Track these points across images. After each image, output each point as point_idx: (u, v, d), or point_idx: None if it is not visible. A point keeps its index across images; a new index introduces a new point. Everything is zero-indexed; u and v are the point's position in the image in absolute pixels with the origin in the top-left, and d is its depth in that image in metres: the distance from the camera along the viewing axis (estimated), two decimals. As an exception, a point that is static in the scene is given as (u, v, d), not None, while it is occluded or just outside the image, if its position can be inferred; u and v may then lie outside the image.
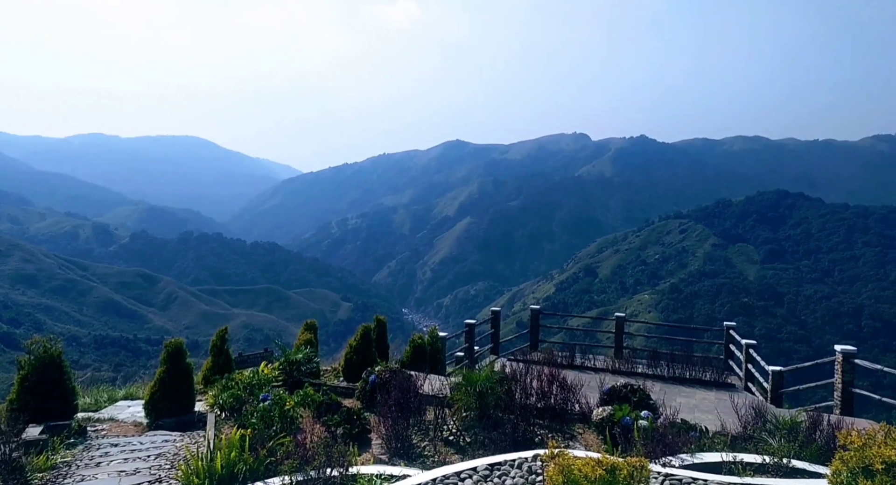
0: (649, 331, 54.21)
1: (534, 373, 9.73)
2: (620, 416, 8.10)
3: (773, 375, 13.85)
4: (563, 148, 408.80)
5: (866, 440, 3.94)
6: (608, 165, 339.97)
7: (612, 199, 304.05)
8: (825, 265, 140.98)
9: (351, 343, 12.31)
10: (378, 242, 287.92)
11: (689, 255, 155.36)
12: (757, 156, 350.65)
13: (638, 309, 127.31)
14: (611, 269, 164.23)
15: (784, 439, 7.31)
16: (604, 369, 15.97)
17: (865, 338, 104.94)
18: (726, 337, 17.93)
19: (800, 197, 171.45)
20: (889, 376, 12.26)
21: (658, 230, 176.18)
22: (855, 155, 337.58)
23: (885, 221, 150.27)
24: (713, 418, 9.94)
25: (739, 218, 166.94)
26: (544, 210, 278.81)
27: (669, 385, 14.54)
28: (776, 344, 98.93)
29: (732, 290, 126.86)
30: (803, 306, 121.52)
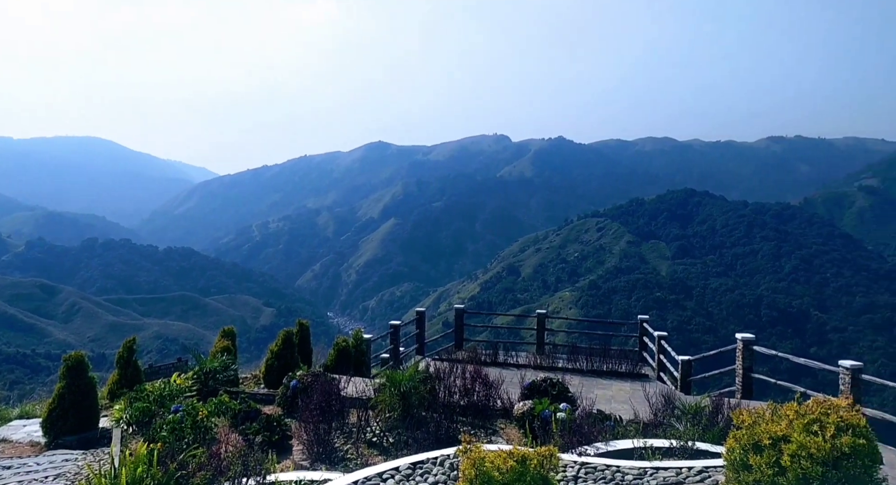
0: (570, 327, 56.25)
1: (457, 371, 9.84)
2: (540, 409, 8.32)
3: (682, 364, 14.62)
4: (484, 149, 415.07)
5: (756, 419, 4.24)
6: (528, 166, 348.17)
7: (533, 199, 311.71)
8: (729, 259, 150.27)
9: (272, 349, 12.00)
10: (301, 246, 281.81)
11: (606, 252, 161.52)
12: (666, 156, 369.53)
13: (559, 306, 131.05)
14: (533, 267, 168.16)
15: (689, 423, 7.76)
16: (526, 364, 16.34)
17: (764, 326, 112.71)
18: (640, 330, 18.78)
19: (705, 195, 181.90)
20: (785, 361, 13.22)
21: (577, 229, 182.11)
22: (752, 155, 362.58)
23: (780, 216, 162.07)
24: (627, 408, 10.39)
25: (652, 216, 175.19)
26: (468, 211, 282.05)
27: (588, 378, 15.06)
28: (686, 335, 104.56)
29: (647, 285, 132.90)
30: (710, 299, 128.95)
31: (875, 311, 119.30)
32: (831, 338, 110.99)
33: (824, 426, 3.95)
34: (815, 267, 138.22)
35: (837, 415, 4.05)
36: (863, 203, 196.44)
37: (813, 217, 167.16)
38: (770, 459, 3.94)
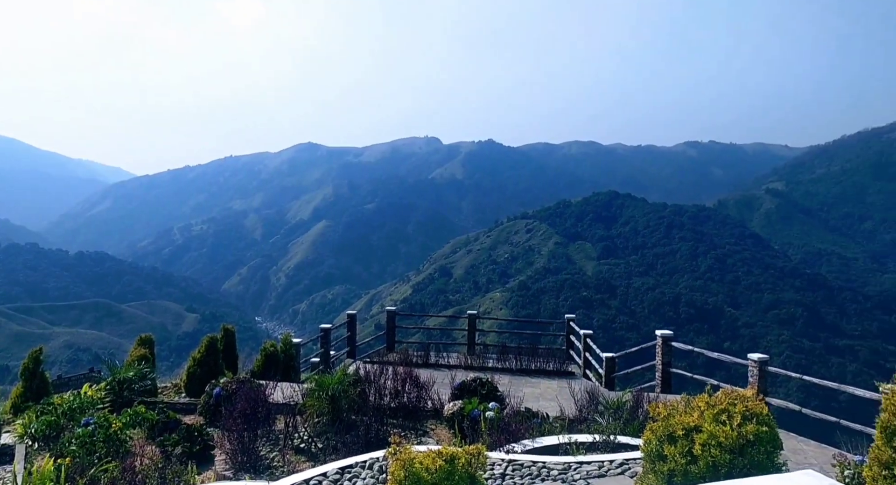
0: (500, 327, 57.08)
1: (388, 374, 9.79)
2: (470, 409, 8.39)
3: (606, 361, 15.12)
4: (416, 151, 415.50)
5: (670, 411, 4.45)
6: (459, 168, 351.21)
7: (464, 200, 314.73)
8: (650, 259, 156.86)
9: (194, 356, 11.55)
10: (227, 249, 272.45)
11: (535, 253, 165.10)
12: (591, 159, 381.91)
13: (490, 306, 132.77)
14: (464, 268, 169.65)
15: (612, 418, 8.04)
16: (457, 365, 16.45)
17: (683, 323, 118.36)
18: (567, 329, 19.29)
19: (628, 197, 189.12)
20: (701, 355, 13.92)
21: (507, 230, 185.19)
22: (671, 159, 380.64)
23: (696, 218, 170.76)
24: (554, 405, 10.64)
25: (578, 218, 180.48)
26: (400, 212, 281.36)
27: (517, 377, 15.32)
28: (611, 333, 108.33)
29: (574, 285, 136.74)
30: (633, 297, 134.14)
31: (781, 306, 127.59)
32: (743, 333, 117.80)
33: (732, 416, 4.20)
34: (728, 266, 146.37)
35: (744, 405, 4.31)
36: (769, 205, 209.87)
37: (726, 218, 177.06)
38: (683, 448, 4.14)
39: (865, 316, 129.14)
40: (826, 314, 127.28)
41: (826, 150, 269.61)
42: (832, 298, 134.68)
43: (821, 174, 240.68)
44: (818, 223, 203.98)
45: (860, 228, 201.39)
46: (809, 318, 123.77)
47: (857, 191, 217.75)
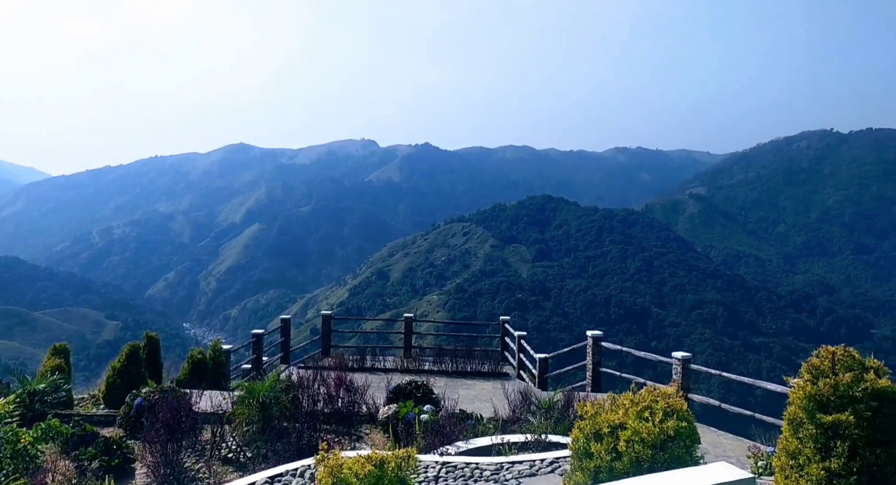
0: (437, 329, 57.16)
1: (322, 379, 9.63)
2: (405, 412, 8.37)
3: (540, 362, 15.42)
4: (352, 154, 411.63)
5: (597, 409, 4.60)
6: (396, 171, 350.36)
7: (401, 203, 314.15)
8: (582, 262, 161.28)
9: (114, 365, 10.99)
10: (152, 253, 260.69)
11: (471, 256, 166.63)
12: (526, 164, 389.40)
13: (428, 309, 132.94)
14: (402, 272, 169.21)
15: (543, 417, 8.21)
16: (393, 368, 16.40)
17: (613, 323, 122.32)
18: (502, 330, 19.57)
19: (561, 201, 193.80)
20: (629, 354, 14.44)
21: (444, 233, 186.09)
22: (601, 164, 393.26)
23: (625, 221, 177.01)
24: (489, 406, 10.76)
25: (513, 221, 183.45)
26: (336, 215, 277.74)
27: (453, 379, 15.41)
28: (545, 334, 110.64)
29: (509, 287, 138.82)
30: (566, 299, 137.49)
31: (703, 306, 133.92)
32: (669, 332, 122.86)
33: (654, 413, 4.37)
34: (654, 268, 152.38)
35: (665, 402, 4.49)
36: (693, 209, 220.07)
37: (653, 222, 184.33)
38: (609, 445, 4.28)
39: (779, 314, 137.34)
40: (744, 313, 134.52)
41: (744, 157, 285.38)
42: (749, 297, 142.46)
43: (739, 180, 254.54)
44: (737, 226, 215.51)
45: (774, 231, 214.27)
46: (729, 317, 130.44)
47: (770, 196, 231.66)
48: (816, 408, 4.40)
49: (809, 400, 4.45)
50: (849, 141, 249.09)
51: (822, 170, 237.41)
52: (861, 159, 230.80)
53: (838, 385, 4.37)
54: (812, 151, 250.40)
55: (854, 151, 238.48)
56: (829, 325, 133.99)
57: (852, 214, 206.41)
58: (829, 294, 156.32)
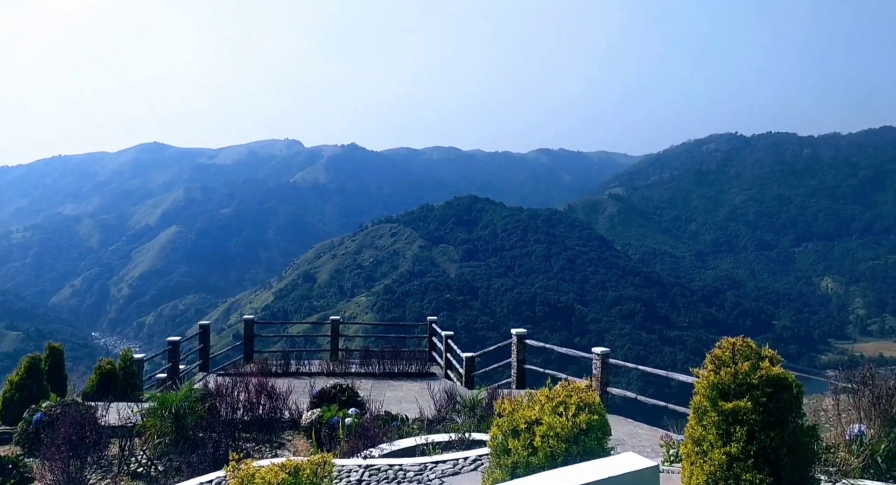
0: (366, 331, 56.66)
1: (242, 386, 9.34)
2: (329, 416, 8.24)
3: (466, 360, 15.60)
4: (276, 154, 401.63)
5: (515, 406, 4.69)
6: (322, 172, 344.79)
7: (328, 204, 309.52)
8: (508, 261, 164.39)
9: (12, 379, 10.20)
10: (57, 258, 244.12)
11: (399, 257, 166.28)
12: (452, 165, 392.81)
13: (356, 311, 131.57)
14: (329, 273, 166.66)
15: (467, 416, 8.30)
16: (319, 372, 16.14)
17: (539, 321, 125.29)
18: (430, 331, 19.66)
19: (487, 202, 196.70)
20: (555, 352, 14.84)
21: (371, 234, 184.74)
22: (525, 165, 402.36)
23: (549, 221, 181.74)
24: (415, 407, 10.75)
25: (441, 221, 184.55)
26: (260, 217, 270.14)
27: (380, 381, 15.34)
28: (474, 333, 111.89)
29: (437, 287, 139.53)
30: (493, 298, 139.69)
31: (623, 302, 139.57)
32: (591, 328, 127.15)
33: (568, 407, 4.51)
34: (577, 266, 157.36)
35: (578, 396, 4.64)
36: (612, 209, 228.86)
37: (575, 221, 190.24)
38: (525, 441, 4.37)
39: (692, 309, 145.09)
40: (660, 308, 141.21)
41: (658, 158, 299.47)
42: (665, 293, 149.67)
43: (654, 181, 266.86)
44: (653, 225, 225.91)
45: (686, 230, 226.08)
46: (647, 312, 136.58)
47: (683, 196, 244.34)
48: (718, 396, 4.66)
49: (712, 389, 4.71)
50: (751, 144, 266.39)
51: (728, 171, 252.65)
52: (762, 161, 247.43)
53: (738, 374, 4.65)
54: (719, 154, 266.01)
55: (756, 153, 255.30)
56: (736, 317, 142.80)
57: (755, 213, 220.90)
58: (736, 288, 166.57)
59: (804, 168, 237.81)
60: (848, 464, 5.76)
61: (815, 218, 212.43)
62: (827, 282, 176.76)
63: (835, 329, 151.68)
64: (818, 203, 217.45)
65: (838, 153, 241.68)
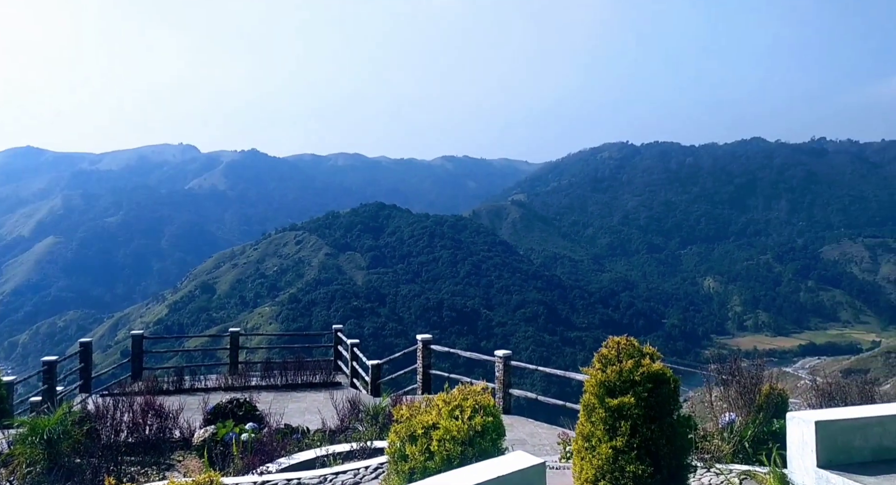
0: (270, 342, 54.68)
1: (128, 405, 8.75)
2: (223, 433, 7.87)
3: (372, 368, 15.47)
4: (168, 159, 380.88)
5: (413, 412, 4.71)
6: (221, 178, 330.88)
7: (227, 212, 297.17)
8: (415, 267, 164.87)
9: None
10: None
11: (305, 265, 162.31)
12: (358, 171, 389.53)
13: (259, 322, 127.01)
14: (230, 284, 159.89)
15: (370, 424, 8.22)
16: (216, 387, 15.48)
17: (446, 326, 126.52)
18: (335, 339, 19.34)
19: (394, 208, 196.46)
20: (461, 357, 15.01)
21: (275, 242, 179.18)
22: (430, 172, 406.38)
23: (455, 227, 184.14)
24: (318, 418, 10.53)
25: (347, 228, 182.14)
26: (151, 226, 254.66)
27: (282, 393, 14.92)
28: (382, 340, 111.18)
29: (345, 295, 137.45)
30: (401, 305, 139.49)
31: (526, 306, 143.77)
32: (496, 332, 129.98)
33: (464, 410, 4.59)
34: (482, 271, 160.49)
35: (474, 399, 4.73)
36: (515, 215, 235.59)
37: (480, 227, 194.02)
38: (423, 446, 4.40)
39: (590, 310, 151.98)
40: (561, 310, 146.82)
41: (557, 166, 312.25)
42: (565, 296, 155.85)
43: (554, 187, 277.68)
44: (553, 230, 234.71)
45: (584, 234, 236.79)
46: (549, 314, 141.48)
47: (580, 202, 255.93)
48: (605, 393, 4.92)
49: (600, 386, 4.97)
50: (641, 152, 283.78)
51: (621, 178, 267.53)
52: (651, 169, 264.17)
53: (622, 371, 4.93)
54: (613, 161, 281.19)
55: (645, 161, 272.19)
56: (630, 317, 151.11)
57: (646, 218, 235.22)
58: (630, 290, 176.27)
59: (687, 175, 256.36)
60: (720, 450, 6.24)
61: (697, 222, 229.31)
62: (709, 282, 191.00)
63: (716, 326, 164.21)
64: (700, 208, 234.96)
65: (716, 162, 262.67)
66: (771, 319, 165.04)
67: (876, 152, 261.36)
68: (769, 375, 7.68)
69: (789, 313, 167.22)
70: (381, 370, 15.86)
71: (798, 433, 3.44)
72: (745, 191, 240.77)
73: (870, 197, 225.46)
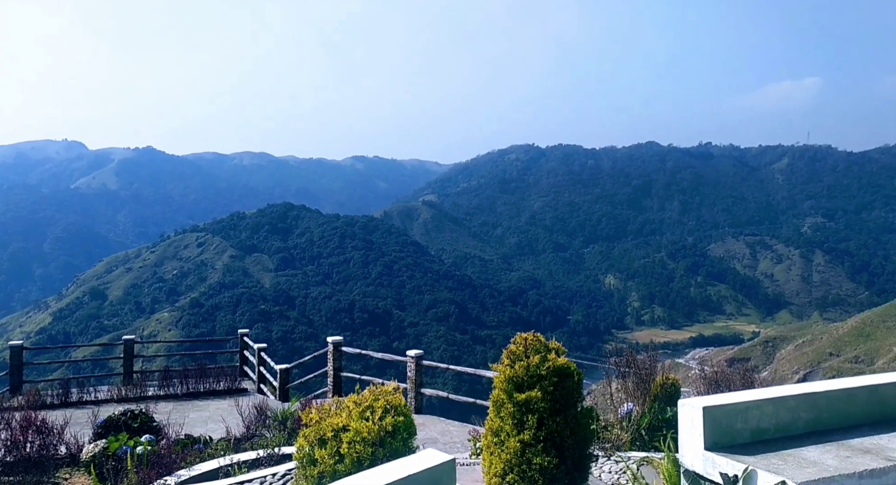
0: (170, 350, 51.85)
1: (3, 423, 8.03)
2: (116, 447, 7.37)
3: (280, 373, 15.05)
4: (51, 157, 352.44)
5: (322, 415, 4.62)
6: (112, 177, 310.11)
7: (120, 213, 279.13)
8: (326, 269, 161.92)
9: None
10: None
11: (208, 268, 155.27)
12: (264, 171, 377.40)
13: (158, 328, 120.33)
14: (123, 289, 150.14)
15: (278, 430, 7.98)
16: (108, 399, 14.54)
17: (358, 328, 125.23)
18: (241, 344, 18.63)
19: (303, 209, 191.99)
20: (373, 358, 14.89)
21: (175, 245, 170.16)
22: (341, 172, 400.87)
23: (366, 228, 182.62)
24: (222, 427, 10.10)
25: (254, 230, 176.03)
26: (32, 228, 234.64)
27: (183, 402, 14.23)
28: (291, 344, 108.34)
29: (251, 298, 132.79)
30: (311, 307, 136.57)
31: (438, 305, 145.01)
32: (409, 332, 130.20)
33: (374, 411, 4.56)
34: (394, 271, 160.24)
35: (385, 399, 4.71)
36: (426, 215, 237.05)
37: (391, 228, 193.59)
38: (332, 449, 4.33)
39: (499, 309, 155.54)
40: (472, 309, 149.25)
41: (466, 167, 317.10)
42: (476, 295, 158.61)
43: (464, 188, 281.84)
44: (464, 230, 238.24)
45: (493, 234, 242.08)
46: (460, 314, 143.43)
47: (489, 203, 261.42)
48: (514, 388, 5.04)
49: (508, 382, 5.09)
50: (546, 154, 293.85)
51: (528, 179, 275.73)
52: (556, 171, 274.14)
53: (529, 366, 5.07)
54: (520, 163, 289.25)
55: (550, 163, 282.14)
56: (537, 315, 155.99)
57: (552, 218, 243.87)
58: (537, 288, 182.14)
59: (589, 177, 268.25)
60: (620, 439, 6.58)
61: (599, 222, 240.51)
62: (610, 279, 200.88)
63: (616, 321, 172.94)
64: (601, 209, 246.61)
65: (615, 164, 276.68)
66: (665, 314, 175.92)
67: (754, 157, 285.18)
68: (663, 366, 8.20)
69: (681, 307, 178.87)
70: (291, 375, 15.48)
71: (688, 419, 3.70)
72: (641, 192, 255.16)
73: (749, 198, 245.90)
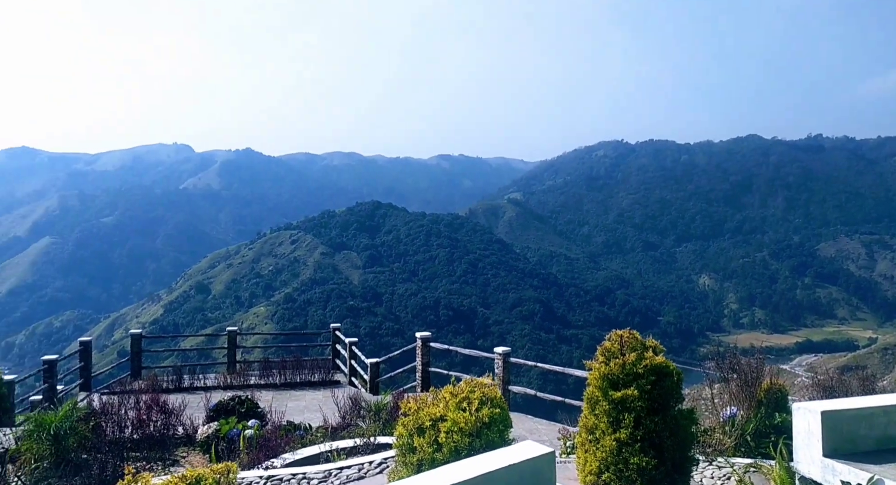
0: (266, 342, 54.73)
1: (131, 403, 8.83)
2: (227, 430, 7.94)
3: (371, 366, 15.52)
4: (163, 159, 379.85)
5: (420, 405, 4.77)
6: (215, 178, 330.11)
7: (222, 212, 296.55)
8: (412, 266, 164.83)
9: None
10: None
11: (300, 264, 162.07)
12: (353, 170, 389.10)
13: (255, 322, 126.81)
14: (225, 284, 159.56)
15: (372, 420, 8.28)
16: (215, 386, 15.52)
17: (443, 325, 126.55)
18: (333, 338, 19.38)
19: (390, 207, 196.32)
20: (459, 354, 15.08)
21: (270, 242, 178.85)
22: (426, 171, 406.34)
23: (451, 226, 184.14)
24: (319, 415, 10.60)
25: (343, 227, 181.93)
26: (146, 226, 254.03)
27: (281, 391, 14.96)
28: (378, 339, 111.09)
29: (340, 294, 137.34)
30: (398, 303, 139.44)
31: (523, 304, 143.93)
32: (493, 330, 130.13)
33: (471, 402, 4.66)
34: (479, 269, 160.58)
35: (481, 391, 4.80)
36: (511, 213, 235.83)
37: (476, 226, 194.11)
38: (430, 438, 4.47)
39: (585, 308, 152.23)
40: (557, 308, 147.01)
41: (552, 164, 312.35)
42: (561, 294, 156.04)
43: (549, 186, 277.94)
44: (549, 228, 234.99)
45: (580, 233, 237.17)
46: (545, 312, 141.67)
47: (576, 200, 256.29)
48: (609, 386, 4.98)
49: (603, 379, 5.03)
50: (636, 150, 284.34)
51: (616, 176, 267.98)
52: (646, 167, 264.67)
53: (625, 364, 4.99)
54: (608, 160, 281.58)
55: (640, 159, 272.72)
56: (626, 315, 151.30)
57: (641, 216, 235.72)
58: (625, 287, 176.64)
59: (682, 173, 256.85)
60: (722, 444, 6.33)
61: (692, 220, 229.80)
62: (704, 279, 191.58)
63: (712, 323, 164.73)
64: (695, 206, 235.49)
65: (711, 159, 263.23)
66: (767, 317, 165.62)
67: (872, 149, 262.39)
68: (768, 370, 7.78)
69: (786, 311, 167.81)
70: (380, 369, 15.92)
71: (804, 423, 3.51)
72: (740, 188, 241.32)
73: (866, 193, 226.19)
